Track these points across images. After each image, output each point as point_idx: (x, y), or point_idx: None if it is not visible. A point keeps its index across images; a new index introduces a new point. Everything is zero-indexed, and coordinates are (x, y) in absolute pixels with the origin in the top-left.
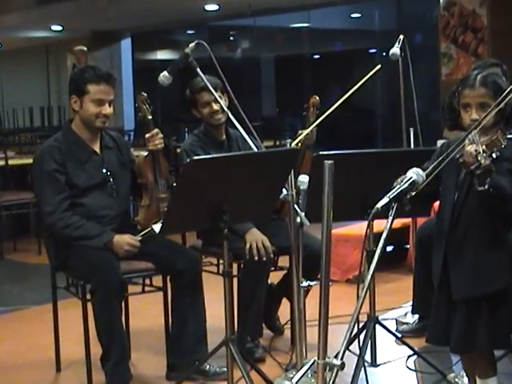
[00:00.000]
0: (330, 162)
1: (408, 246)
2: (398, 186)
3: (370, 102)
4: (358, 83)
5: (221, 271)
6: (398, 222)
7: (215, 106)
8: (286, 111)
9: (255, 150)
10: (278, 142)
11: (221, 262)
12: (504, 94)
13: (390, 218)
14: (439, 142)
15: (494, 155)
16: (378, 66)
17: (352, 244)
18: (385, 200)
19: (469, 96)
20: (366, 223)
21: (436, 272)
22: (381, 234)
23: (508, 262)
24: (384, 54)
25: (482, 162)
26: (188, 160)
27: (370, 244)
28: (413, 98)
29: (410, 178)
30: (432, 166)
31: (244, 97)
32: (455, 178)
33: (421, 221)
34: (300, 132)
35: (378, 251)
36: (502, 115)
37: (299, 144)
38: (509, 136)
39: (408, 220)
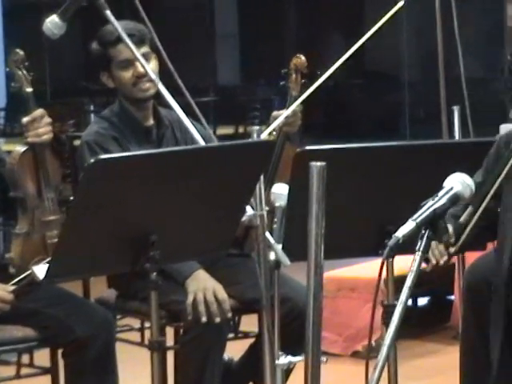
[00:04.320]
0: (319, 163)
1: (453, 298)
2: (431, 203)
3: (391, 62)
4: (370, 32)
5: (147, 341)
6: None
7: (141, 68)
8: (256, 79)
9: (202, 142)
10: (241, 130)
11: (147, 325)
12: None
13: (419, 254)
14: (503, 129)
15: None
16: (401, 3)
17: (361, 295)
18: (410, 225)
19: None
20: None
21: (494, 341)
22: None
23: None
24: None
25: None
26: (92, 160)
27: (389, 295)
28: (458, 58)
29: (450, 188)
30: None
31: (187, 56)
32: None
33: (472, 257)
34: (276, 113)
35: (401, 307)
36: None
37: (275, 133)
38: None
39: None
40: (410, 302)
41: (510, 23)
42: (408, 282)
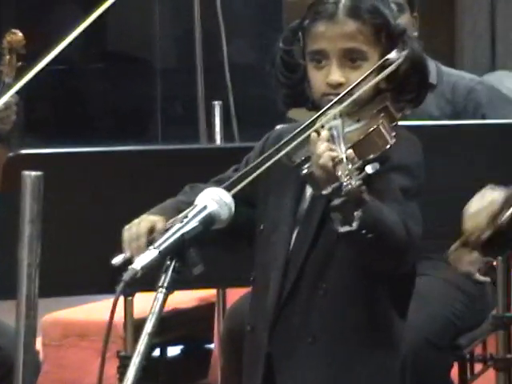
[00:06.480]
0: (34, 172)
1: (212, 347)
2: (179, 226)
3: (140, 44)
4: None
5: None
6: (191, 298)
7: None
8: None
9: None
10: None
11: None
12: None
13: (163, 291)
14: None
15: (369, 169)
16: None
17: (93, 343)
18: (151, 254)
19: (325, 37)
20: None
21: None
22: None
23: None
24: None
25: (345, 181)
26: None
27: (128, 344)
28: (221, 38)
29: (204, 207)
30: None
31: None
32: (292, 200)
33: (235, 295)
34: None
35: (138, 359)
36: (392, 79)
37: None
38: (403, 123)
39: (210, 293)
40: (157, 353)
41: None
42: (148, 327)
